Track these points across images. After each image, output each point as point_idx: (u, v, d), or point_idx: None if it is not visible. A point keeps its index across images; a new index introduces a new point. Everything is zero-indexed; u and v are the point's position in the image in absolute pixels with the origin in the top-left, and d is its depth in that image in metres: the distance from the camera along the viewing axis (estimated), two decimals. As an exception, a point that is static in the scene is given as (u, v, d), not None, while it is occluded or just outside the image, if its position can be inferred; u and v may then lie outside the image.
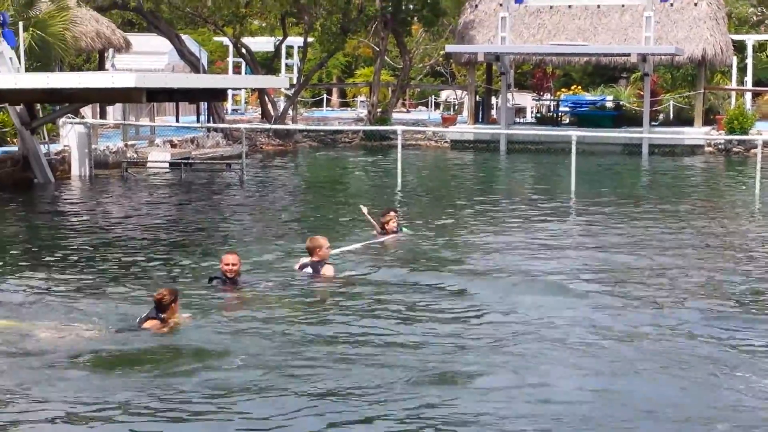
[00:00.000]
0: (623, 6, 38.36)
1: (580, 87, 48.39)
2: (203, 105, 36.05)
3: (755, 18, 49.65)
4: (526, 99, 45.56)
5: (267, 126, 35.96)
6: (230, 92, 44.25)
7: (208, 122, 34.92)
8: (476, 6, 39.75)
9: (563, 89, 48.37)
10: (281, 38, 40.66)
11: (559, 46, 36.72)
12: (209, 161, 29.17)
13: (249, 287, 12.18)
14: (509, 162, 32.66)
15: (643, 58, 34.63)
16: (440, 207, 20.73)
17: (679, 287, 12.71)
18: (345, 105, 55.85)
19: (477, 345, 9.90)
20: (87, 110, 30.91)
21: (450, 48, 38.58)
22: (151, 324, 10.14)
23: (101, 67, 36.84)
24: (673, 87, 43.93)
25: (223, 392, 8.38)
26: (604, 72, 48.65)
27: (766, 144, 27.43)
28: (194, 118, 36.91)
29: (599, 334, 10.30)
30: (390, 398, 8.33)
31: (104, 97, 23.60)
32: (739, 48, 43.72)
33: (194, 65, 37.31)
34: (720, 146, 34.72)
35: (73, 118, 26.13)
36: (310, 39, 40.09)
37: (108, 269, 13.61)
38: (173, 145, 31.13)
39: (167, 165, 27.67)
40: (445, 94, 52.13)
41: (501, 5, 37.20)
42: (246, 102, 49.87)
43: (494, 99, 42.47)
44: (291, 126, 36.78)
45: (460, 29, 39.73)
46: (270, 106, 38.96)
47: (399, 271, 13.38)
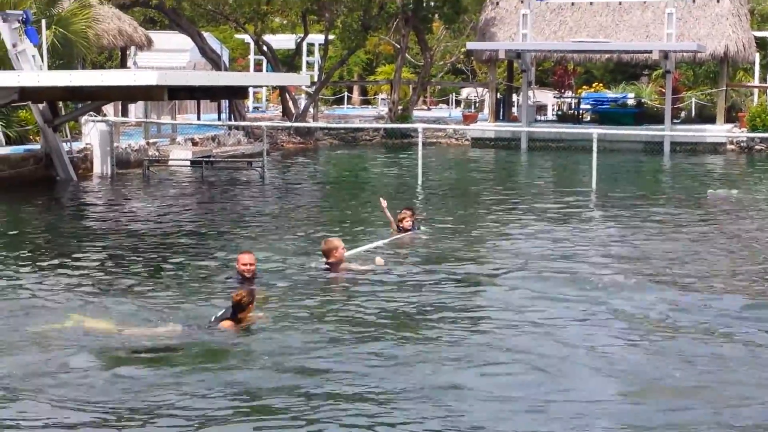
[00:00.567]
0: (645, 3, 38.24)
1: (602, 84, 48.21)
2: (224, 103, 36.12)
3: (778, 15, 49.35)
4: (548, 96, 45.47)
5: (288, 124, 36.01)
6: (251, 90, 44.31)
7: (230, 120, 35.00)
8: (497, 3, 39.69)
9: (584, 86, 48.21)
10: (302, 36, 40.70)
11: (581, 43, 36.62)
12: (230, 159, 29.23)
13: (266, 287, 12.22)
14: (530, 160, 32.60)
15: (665, 55, 34.50)
16: (460, 205, 20.72)
17: (706, 283, 12.68)
18: (366, 103, 55.85)
19: (492, 344, 9.90)
20: (109, 108, 31.02)
21: (471, 45, 38.54)
22: (227, 325, 10.17)
23: (123, 65, 36.97)
24: (695, 84, 43.72)
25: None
26: (626, 69, 48.49)
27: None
28: (215, 116, 37.00)
29: (626, 329, 10.32)
30: (409, 398, 8.35)
31: (126, 95, 23.65)
32: (762, 45, 43.45)
33: (215, 63, 37.39)
34: (742, 144, 34.56)
35: (95, 116, 26.24)
36: (331, 36, 40.11)
37: (135, 268, 13.65)
38: (194, 143, 31.21)
39: (189, 163, 27.75)
40: (466, 92, 52.06)
41: (522, 2, 37.15)
42: (267, 100, 49.92)
43: (515, 96, 42.39)
44: (312, 124, 36.83)
45: (481, 26, 39.68)
46: (291, 104, 39.01)
47: (414, 270, 13.38)
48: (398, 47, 41.62)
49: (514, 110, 41.17)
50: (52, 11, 26.37)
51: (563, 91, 43.77)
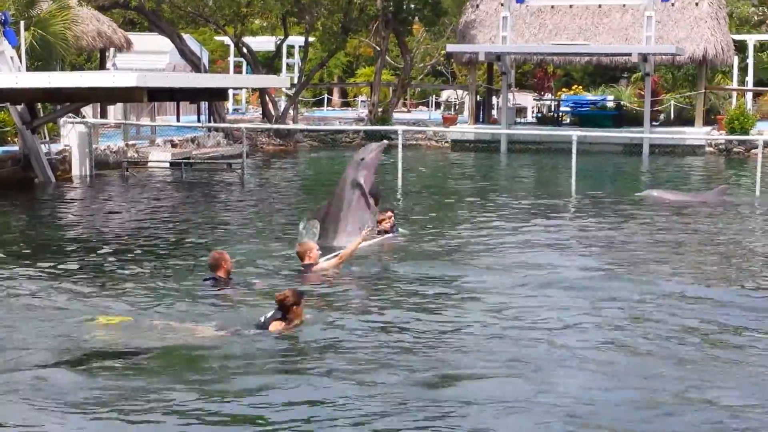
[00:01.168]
0: (624, 6, 38.38)
1: (581, 87, 48.36)
2: (204, 104, 36.05)
3: (756, 18, 49.59)
4: (527, 99, 45.56)
5: (268, 126, 35.96)
6: (231, 92, 44.25)
7: (209, 122, 34.93)
8: (477, 5, 39.76)
9: (564, 89, 48.36)
10: (282, 38, 40.68)
11: (560, 46, 36.73)
12: (210, 161, 29.18)
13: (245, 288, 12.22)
14: (510, 162, 32.66)
15: (644, 58, 34.64)
16: (439, 207, 20.75)
17: (685, 282, 12.76)
18: (346, 105, 55.84)
19: (473, 344, 9.93)
20: (88, 110, 30.89)
21: (451, 48, 38.59)
22: (276, 326, 10.10)
23: (102, 67, 36.85)
24: (674, 87, 43.92)
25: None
26: (605, 72, 48.65)
27: (767, 144, 27.42)
28: (195, 118, 36.92)
29: (603, 331, 10.37)
30: (397, 401, 8.37)
31: (105, 97, 23.60)
32: (740, 48, 43.69)
33: (195, 65, 37.33)
34: (721, 146, 34.73)
35: (74, 118, 26.14)
36: (311, 38, 40.10)
37: (114, 270, 13.61)
38: (174, 145, 31.15)
39: (168, 165, 27.69)
40: (446, 94, 52.12)
41: (502, 5, 37.23)
42: (247, 101, 49.86)
43: (495, 99, 42.46)
44: (292, 126, 36.79)
45: (461, 29, 39.75)
46: (271, 106, 38.97)
47: (391, 271, 13.42)
48: (378, 49, 41.65)
49: (494, 112, 41.26)
50: (31, 13, 26.27)
51: (543, 94, 43.87)
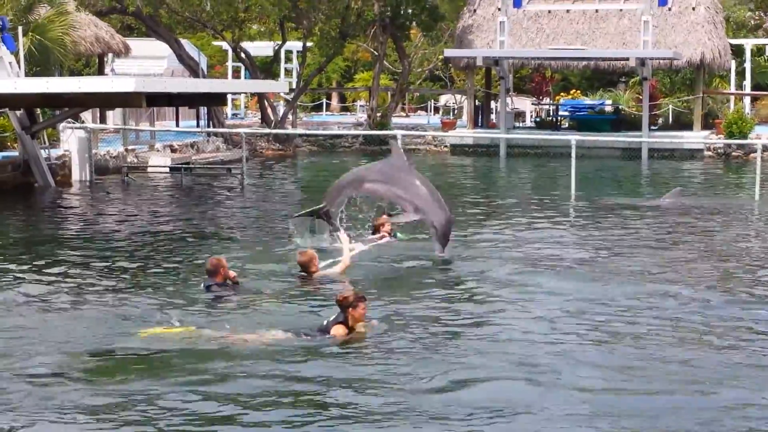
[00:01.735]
0: (621, 10, 38.45)
1: (579, 91, 48.41)
2: (203, 109, 36.07)
3: (753, 22, 49.68)
4: (525, 103, 45.59)
5: (267, 131, 35.98)
6: (230, 97, 44.26)
7: (208, 127, 34.94)
8: (475, 10, 39.81)
9: (562, 93, 48.38)
10: (280, 43, 40.70)
11: (558, 51, 36.78)
12: (209, 166, 29.20)
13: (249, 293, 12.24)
14: (509, 166, 32.68)
15: (642, 63, 34.68)
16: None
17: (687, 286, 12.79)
18: (345, 109, 55.85)
19: (475, 348, 9.95)
20: (87, 115, 30.89)
21: (449, 52, 38.63)
22: (338, 330, 10.03)
23: (101, 72, 36.86)
24: (672, 91, 43.93)
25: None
26: (603, 76, 48.70)
27: (766, 148, 27.48)
28: (194, 123, 36.94)
29: (607, 335, 10.39)
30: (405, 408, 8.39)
31: (104, 102, 23.62)
32: (738, 52, 43.75)
33: (193, 70, 37.35)
34: (719, 150, 34.77)
35: (74, 123, 26.16)
36: (309, 43, 40.11)
37: (114, 274, 13.62)
38: (173, 150, 31.16)
39: (167, 170, 27.70)
40: (445, 99, 52.15)
41: (499, 9, 37.28)
42: (246, 106, 49.88)
43: (493, 103, 42.48)
44: (291, 130, 36.81)
45: (459, 33, 39.78)
46: (270, 111, 38.99)
47: (391, 276, 13.45)
48: (376, 54, 41.67)
49: (493, 117, 41.28)
50: (29, 18, 26.28)
51: (541, 98, 43.90)
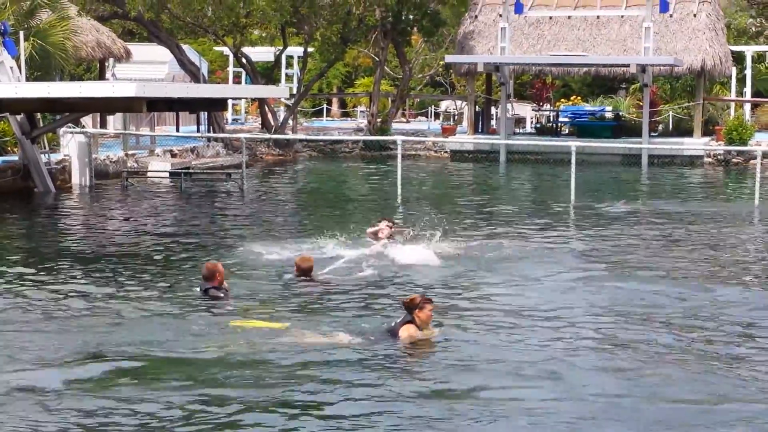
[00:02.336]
0: (622, 17, 38.45)
1: (580, 97, 48.41)
2: (203, 115, 36.09)
3: (754, 29, 49.69)
4: (526, 109, 45.61)
5: (267, 136, 36.00)
6: (230, 102, 44.29)
7: (208, 132, 34.96)
8: (476, 16, 39.83)
9: (563, 100, 48.41)
10: (281, 48, 40.72)
11: (559, 57, 36.78)
12: (209, 171, 29.21)
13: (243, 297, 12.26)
14: (509, 172, 32.69)
15: (642, 69, 34.69)
16: (438, 218, 20.71)
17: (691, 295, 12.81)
18: (345, 115, 55.90)
19: (473, 361, 9.95)
20: (87, 120, 30.97)
21: (450, 58, 38.65)
22: (406, 331, 9.99)
23: (102, 77, 36.90)
24: (673, 98, 43.96)
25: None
26: (604, 82, 48.72)
27: (766, 155, 27.49)
28: (194, 128, 36.96)
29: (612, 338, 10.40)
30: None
31: (105, 107, 23.68)
32: (738, 59, 43.76)
33: (194, 75, 37.37)
34: (719, 157, 34.77)
35: (74, 128, 26.17)
36: (310, 49, 40.15)
37: (116, 279, 13.62)
38: (173, 155, 31.18)
39: (167, 175, 27.71)
40: (445, 105, 52.17)
41: (500, 16, 37.28)
42: (246, 112, 49.91)
43: (494, 109, 42.51)
44: (291, 136, 36.82)
45: (460, 39, 39.80)
46: (270, 116, 39.01)
47: (392, 281, 13.44)
48: (377, 60, 41.70)
49: (493, 123, 41.30)
50: (30, 23, 26.31)
51: (541, 104, 43.91)
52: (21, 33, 23.96)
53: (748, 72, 44.25)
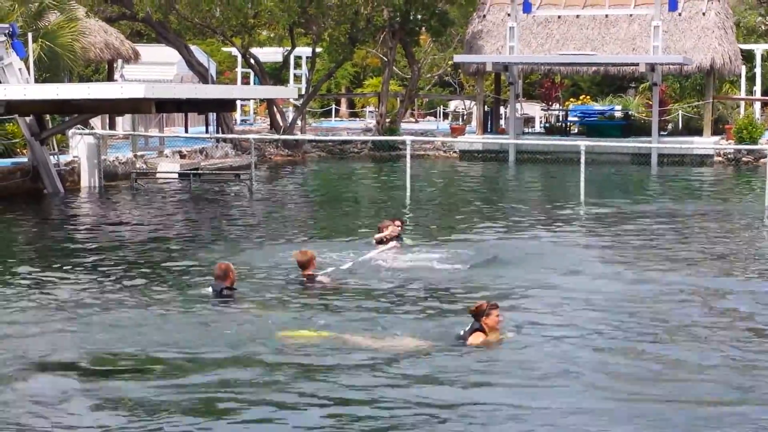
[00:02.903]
0: (631, 16, 38.37)
1: (589, 97, 48.35)
2: (212, 116, 36.09)
3: (763, 27, 49.59)
4: (535, 109, 45.54)
5: (276, 136, 35.99)
6: (239, 103, 44.30)
7: (217, 133, 34.97)
8: (484, 16, 39.78)
9: (572, 99, 48.35)
10: (290, 48, 40.72)
11: (568, 56, 36.71)
12: (218, 172, 29.20)
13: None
14: (518, 172, 32.64)
15: (652, 68, 34.61)
16: (448, 218, 20.72)
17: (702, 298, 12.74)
18: (354, 115, 55.90)
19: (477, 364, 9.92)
20: (96, 121, 30.97)
21: (458, 58, 38.60)
22: (475, 339, 9.99)
23: (110, 78, 36.92)
24: (682, 97, 43.86)
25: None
26: (613, 82, 48.63)
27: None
28: (203, 129, 36.98)
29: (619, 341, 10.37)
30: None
31: (113, 108, 23.68)
32: (748, 57, 43.67)
33: (203, 76, 37.38)
34: (729, 156, 34.67)
35: (83, 129, 26.19)
36: (319, 49, 40.13)
37: (126, 281, 13.59)
38: (182, 156, 31.18)
39: (176, 176, 27.70)
40: (454, 104, 52.14)
41: (509, 15, 37.23)
42: (255, 112, 49.93)
43: (503, 109, 42.46)
44: (300, 136, 36.81)
45: (469, 39, 39.76)
46: (279, 117, 39.01)
47: (392, 282, 13.40)
48: (385, 60, 41.68)
49: (502, 123, 41.23)
50: (39, 25, 26.33)
51: (550, 104, 43.83)
52: (29, 35, 23.97)
53: (758, 70, 44.15)
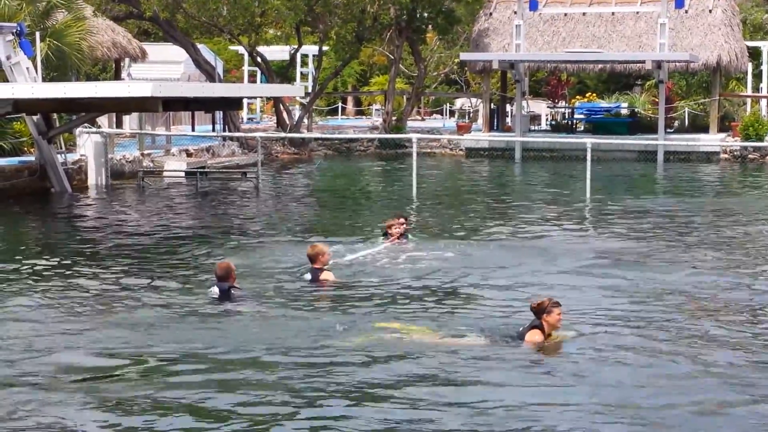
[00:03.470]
0: (638, 13, 38.36)
1: (595, 94, 48.31)
2: (219, 114, 36.16)
3: (770, 24, 49.53)
4: (541, 106, 45.55)
5: (282, 135, 36.04)
6: (245, 101, 44.35)
7: (224, 131, 35.03)
8: (490, 14, 39.79)
9: (578, 96, 48.31)
10: (296, 47, 40.76)
11: (574, 54, 36.70)
12: (225, 170, 29.26)
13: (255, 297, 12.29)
14: (524, 170, 32.65)
15: (658, 65, 34.61)
16: (454, 215, 20.75)
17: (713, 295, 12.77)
18: (360, 113, 55.93)
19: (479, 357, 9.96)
20: (103, 120, 31.03)
21: (464, 56, 38.61)
22: (533, 336, 9.94)
23: (117, 77, 36.98)
24: (688, 94, 43.81)
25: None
26: (619, 79, 48.60)
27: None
28: (210, 127, 37.03)
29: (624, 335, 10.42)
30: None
31: (120, 107, 23.71)
32: (754, 54, 43.61)
33: (210, 74, 37.44)
34: (735, 153, 34.66)
35: (90, 128, 26.26)
36: (325, 47, 40.17)
37: (134, 280, 13.64)
38: (189, 155, 31.25)
39: (183, 174, 27.77)
40: (460, 102, 52.15)
41: (515, 13, 37.25)
42: (261, 111, 49.98)
43: (509, 107, 42.46)
44: (306, 134, 36.87)
45: (475, 37, 39.78)
46: (285, 115, 39.06)
47: (397, 278, 13.45)
48: (392, 58, 41.72)
49: (508, 120, 41.24)
50: (46, 24, 26.39)
51: (557, 101, 43.84)
52: (37, 33, 24.02)
53: (764, 67, 44.09)
